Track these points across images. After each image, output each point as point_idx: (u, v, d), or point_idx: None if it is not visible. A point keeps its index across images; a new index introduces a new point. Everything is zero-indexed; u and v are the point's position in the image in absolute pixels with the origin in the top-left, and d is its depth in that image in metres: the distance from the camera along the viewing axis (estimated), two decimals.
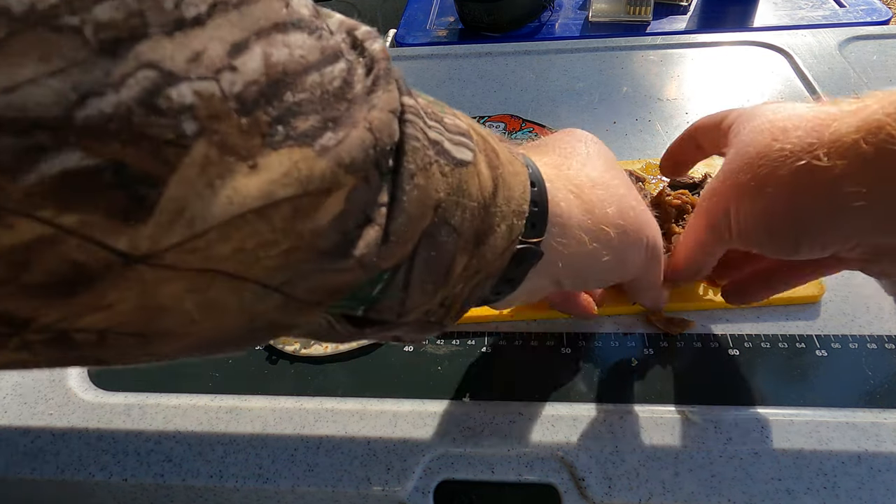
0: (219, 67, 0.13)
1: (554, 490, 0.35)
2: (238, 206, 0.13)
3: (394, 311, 0.21)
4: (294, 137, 0.14)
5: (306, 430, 0.38)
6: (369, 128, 0.16)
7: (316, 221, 0.15)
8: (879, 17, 1.05)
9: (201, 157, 0.13)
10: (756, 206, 0.28)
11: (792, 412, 0.36)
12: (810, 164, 0.25)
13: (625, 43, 0.74)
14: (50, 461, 0.38)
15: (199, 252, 0.13)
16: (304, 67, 0.15)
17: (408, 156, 0.18)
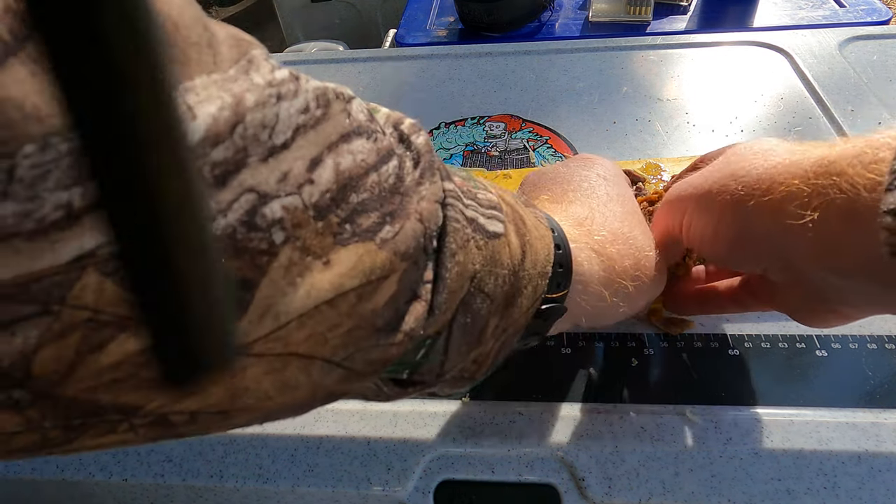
0: (301, 183, 0.15)
1: (554, 490, 0.35)
2: (314, 298, 0.15)
3: (434, 373, 0.23)
4: (359, 234, 0.16)
5: (306, 430, 0.38)
6: (420, 218, 0.19)
7: (374, 303, 0.17)
8: (879, 17, 1.05)
9: (286, 260, 0.15)
10: (710, 210, 0.28)
11: (792, 412, 0.36)
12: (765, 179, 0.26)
13: (625, 43, 0.74)
14: (50, 461, 0.38)
15: (281, 340, 0.15)
16: (364, 170, 0.17)
17: (449, 236, 0.20)
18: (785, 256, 0.25)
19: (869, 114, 0.58)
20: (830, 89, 0.62)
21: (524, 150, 0.59)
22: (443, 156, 0.60)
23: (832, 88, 0.62)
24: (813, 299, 0.27)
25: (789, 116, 0.59)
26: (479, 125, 0.64)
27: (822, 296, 0.26)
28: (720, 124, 0.60)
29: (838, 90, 0.62)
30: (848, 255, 0.22)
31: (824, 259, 0.23)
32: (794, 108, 0.60)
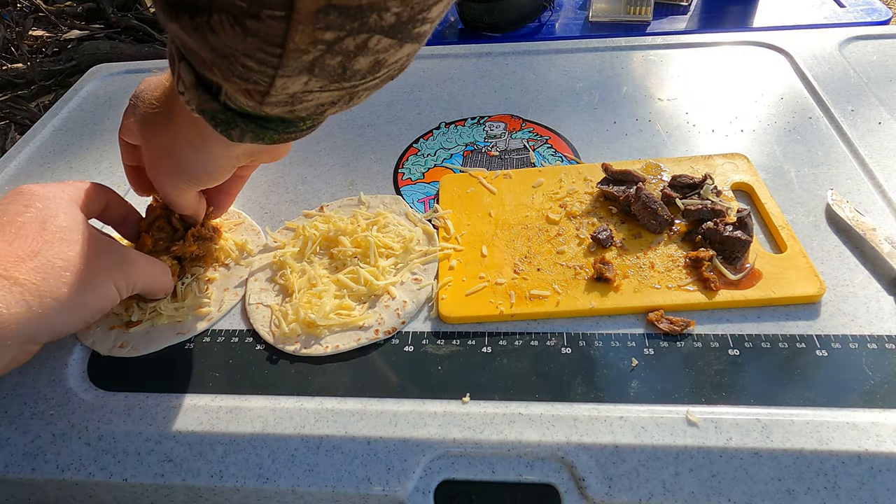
0: None
1: (554, 490, 0.35)
2: None
3: None
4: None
5: (306, 430, 0.38)
6: None
7: None
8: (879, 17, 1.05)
9: None
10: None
11: (792, 412, 0.36)
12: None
13: (625, 43, 0.74)
14: (50, 461, 0.38)
15: None
16: None
17: None
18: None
19: (869, 114, 0.58)
20: (830, 89, 0.62)
21: (524, 150, 0.59)
22: (443, 156, 0.60)
23: (832, 88, 0.62)
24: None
25: (789, 116, 0.59)
26: (479, 125, 0.64)
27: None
28: (720, 124, 0.60)
29: (838, 90, 0.62)
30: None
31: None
32: (794, 108, 0.60)
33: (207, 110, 0.30)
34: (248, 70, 0.25)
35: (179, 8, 0.24)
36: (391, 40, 0.24)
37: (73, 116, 0.74)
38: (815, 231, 0.47)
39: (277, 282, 0.48)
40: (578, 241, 0.48)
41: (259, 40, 0.23)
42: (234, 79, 0.26)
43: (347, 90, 0.27)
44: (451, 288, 0.45)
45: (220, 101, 0.30)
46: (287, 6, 0.21)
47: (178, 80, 0.30)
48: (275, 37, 0.23)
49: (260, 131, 0.32)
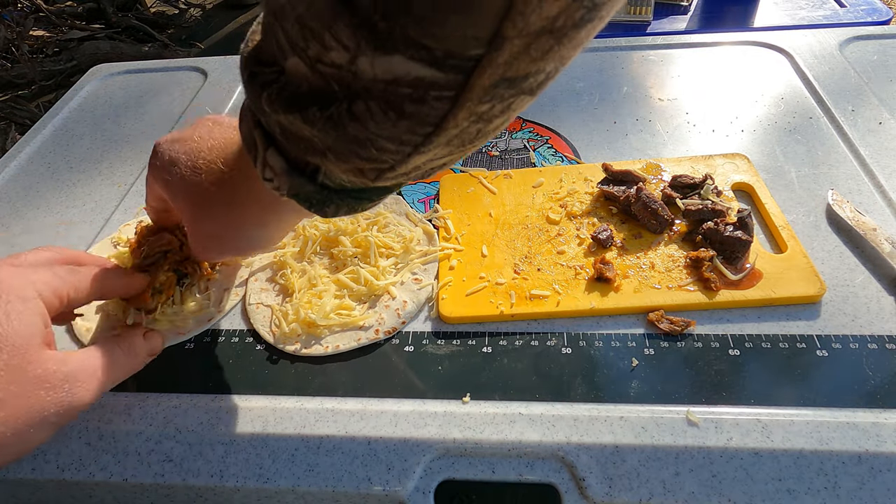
0: None
1: (554, 490, 0.35)
2: None
3: None
4: None
5: (307, 430, 0.38)
6: None
7: None
8: (880, 17, 1.05)
9: None
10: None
11: (792, 412, 0.36)
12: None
13: (625, 43, 0.74)
14: (50, 461, 0.38)
15: None
16: None
17: None
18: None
19: (869, 114, 0.58)
20: (831, 89, 0.62)
21: (524, 150, 0.59)
22: None
23: (832, 88, 0.62)
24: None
25: (789, 116, 0.59)
26: None
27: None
28: (720, 124, 0.60)
29: (838, 90, 0.62)
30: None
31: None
32: (795, 108, 0.60)
33: (302, 193, 0.28)
34: (380, 152, 0.23)
35: (305, 100, 0.23)
36: (530, 97, 0.23)
37: (73, 116, 0.74)
38: (816, 231, 0.47)
39: (278, 282, 0.48)
40: (579, 241, 0.48)
41: (413, 122, 0.22)
42: (355, 160, 0.24)
43: (465, 150, 0.25)
44: (452, 288, 0.45)
45: (316, 182, 0.28)
46: (459, 85, 0.20)
47: (262, 166, 0.28)
48: (434, 117, 0.21)
49: (355, 203, 0.30)
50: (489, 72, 0.20)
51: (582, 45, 0.21)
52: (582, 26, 0.20)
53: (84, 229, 0.56)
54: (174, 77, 0.79)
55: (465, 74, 0.20)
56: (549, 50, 0.20)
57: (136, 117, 0.72)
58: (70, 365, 0.33)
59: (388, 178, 0.26)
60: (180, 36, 2.60)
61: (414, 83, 0.20)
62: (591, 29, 0.20)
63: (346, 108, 0.22)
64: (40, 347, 0.32)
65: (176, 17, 2.75)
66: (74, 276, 0.37)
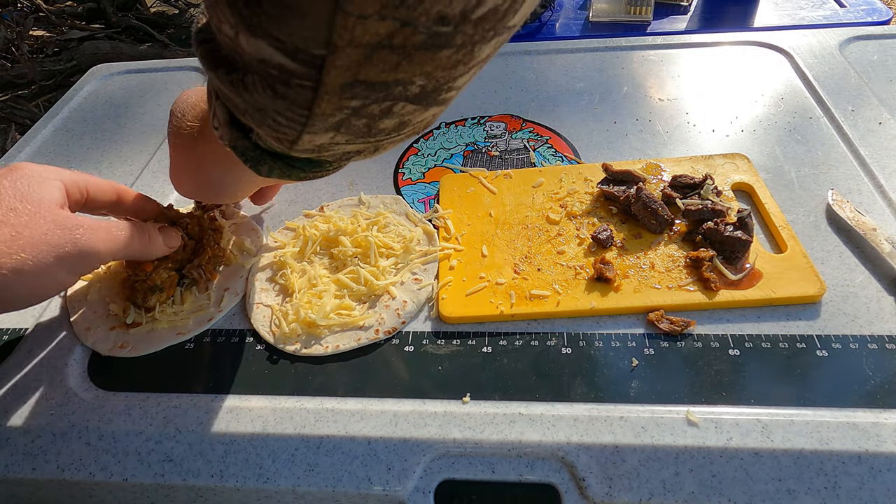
0: None
1: (554, 490, 0.35)
2: None
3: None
4: None
5: (307, 430, 0.38)
6: None
7: None
8: (880, 17, 1.05)
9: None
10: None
11: (792, 412, 0.36)
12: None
13: (625, 43, 0.74)
14: (50, 461, 0.38)
15: None
16: None
17: None
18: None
19: (869, 114, 0.58)
20: (831, 89, 0.62)
21: (524, 150, 0.59)
22: (443, 156, 0.60)
23: (832, 88, 0.62)
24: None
25: (789, 116, 0.59)
26: (479, 125, 0.64)
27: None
28: (720, 124, 0.60)
29: (838, 90, 0.62)
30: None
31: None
32: (795, 108, 0.60)
33: (239, 147, 0.32)
34: (277, 123, 0.26)
35: (217, 62, 0.26)
36: (416, 106, 0.25)
37: (73, 116, 0.74)
38: (816, 231, 0.47)
39: (278, 282, 0.48)
40: (579, 241, 0.48)
41: (288, 102, 0.24)
42: (265, 128, 0.27)
43: (373, 143, 0.28)
44: (452, 288, 0.45)
45: (251, 139, 0.32)
46: (314, 78, 0.22)
47: (213, 115, 0.32)
48: (303, 101, 0.24)
49: (287, 169, 0.33)
50: (335, 72, 0.22)
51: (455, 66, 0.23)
52: (433, 49, 0.21)
53: None
54: (174, 77, 0.79)
55: (317, 69, 0.22)
56: (397, 64, 0.22)
57: (136, 117, 0.72)
58: (85, 219, 0.38)
59: (301, 151, 0.29)
60: (180, 36, 2.60)
61: (278, 67, 0.23)
62: (452, 53, 0.22)
63: (241, 77, 0.25)
64: (58, 206, 0.37)
65: (176, 17, 2.75)
66: (95, 178, 0.43)
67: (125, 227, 0.41)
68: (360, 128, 0.26)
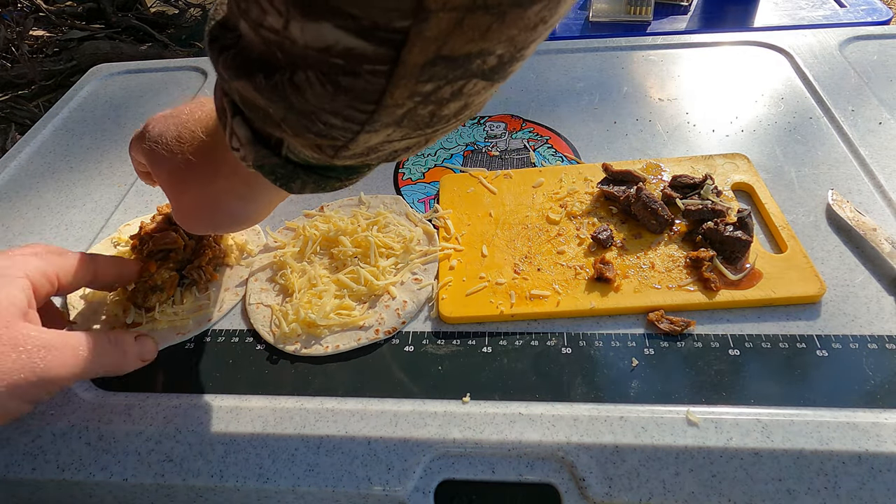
0: None
1: (554, 490, 0.35)
2: None
3: None
4: None
5: (307, 430, 0.38)
6: None
7: None
8: (880, 17, 1.05)
9: None
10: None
11: (792, 412, 0.36)
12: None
13: (625, 43, 0.74)
14: (50, 461, 0.38)
15: None
16: None
17: None
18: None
19: (869, 114, 0.58)
20: (831, 89, 0.62)
21: (524, 150, 0.59)
22: (443, 156, 0.60)
23: (832, 88, 0.62)
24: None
25: (789, 116, 0.59)
26: (479, 125, 0.64)
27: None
28: (720, 124, 0.60)
29: (838, 90, 0.62)
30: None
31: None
32: (795, 108, 0.60)
33: (267, 166, 0.28)
34: (329, 127, 0.23)
35: (253, 67, 0.23)
36: (486, 83, 0.22)
37: (73, 116, 0.74)
38: (816, 231, 0.47)
39: (278, 282, 0.48)
40: (579, 241, 0.48)
41: (351, 97, 0.21)
42: (308, 135, 0.24)
43: (427, 135, 0.25)
44: (452, 288, 0.45)
45: (280, 155, 0.27)
46: (391, 60, 0.19)
47: (230, 135, 0.28)
48: (371, 93, 0.21)
49: (322, 181, 0.29)
50: (419, 47, 0.19)
51: (535, 27, 0.20)
52: (527, 4, 0.19)
53: (84, 229, 0.56)
54: (174, 77, 0.79)
55: (395, 48, 0.19)
56: (488, 28, 0.19)
57: (136, 117, 0.72)
58: (48, 336, 0.33)
59: (347, 157, 0.25)
60: (180, 36, 2.60)
61: (345, 54, 0.19)
62: (541, 8, 0.19)
63: (289, 77, 0.21)
64: (19, 317, 0.33)
65: (176, 17, 2.75)
66: (62, 259, 0.38)
67: (95, 345, 0.35)
68: (424, 117, 0.23)
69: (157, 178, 0.38)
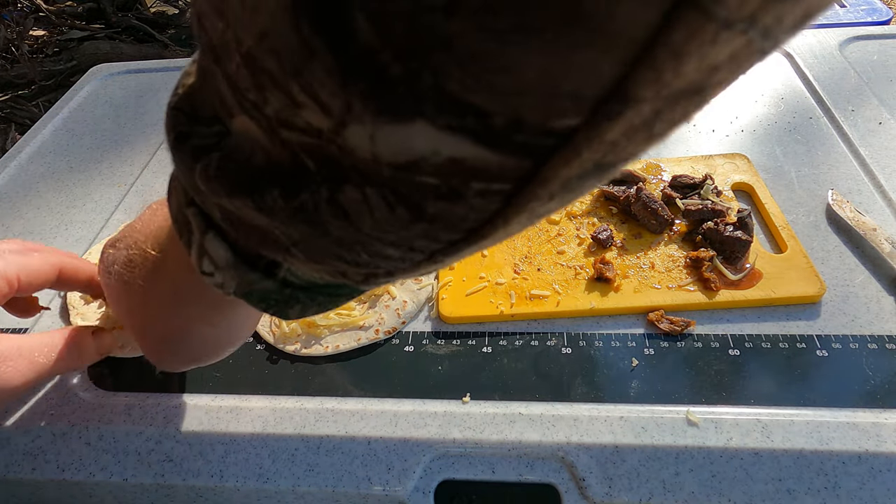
0: None
1: (554, 490, 0.35)
2: None
3: None
4: None
5: (307, 430, 0.38)
6: None
7: None
8: (880, 17, 1.05)
9: None
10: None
11: (792, 412, 0.36)
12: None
13: None
14: (50, 461, 0.38)
15: None
16: None
17: None
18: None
19: (869, 114, 0.58)
20: (831, 89, 0.62)
21: None
22: None
23: (832, 88, 0.62)
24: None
25: (789, 116, 0.59)
26: None
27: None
28: (720, 124, 0.60)
29: (838, 90, 0.62)
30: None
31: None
32: (795, 108, 0.60)
33: (256, 292, 0.21)
34: (377, 258, 0.16)
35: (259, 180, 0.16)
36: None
37: (73, 116, 0.74)
38: (816, 231, 0.47)
39: None
40: (579, 241, 0.48)
41: (437, 227, 0.14)
42: (337, 263, 0.17)
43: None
44: (452, 288, 0.45)
45: (275, 277, 0.20)
46: (524, 176, 0.12)
47: (200, 257, 0.21)
48: (470, 221, 0.14)
49: (329, 302, 0.22)
50: (583, 156, 0.12)
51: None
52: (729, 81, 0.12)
53: (84, 229, 0.56)
54: (174, 77, 0.79)
55: (537, 159, 0.12)
56: (672, 122, 0.12)
57: (136, 117, 0.72)
58: (2, 341, 0.32)
59: (381, 283, 0.18)
60: (180, 36, 2.60)
61: (446, 169, 0.12)
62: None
63: (328, 196, 0.14)
64: None
65: (176, 17, 2.75)
66: (25, 258, 0.36)
67: (52, 348, 0.34)
68: (503, 238, 0.16)
69: (118, 316, 0.32)
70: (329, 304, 0.22)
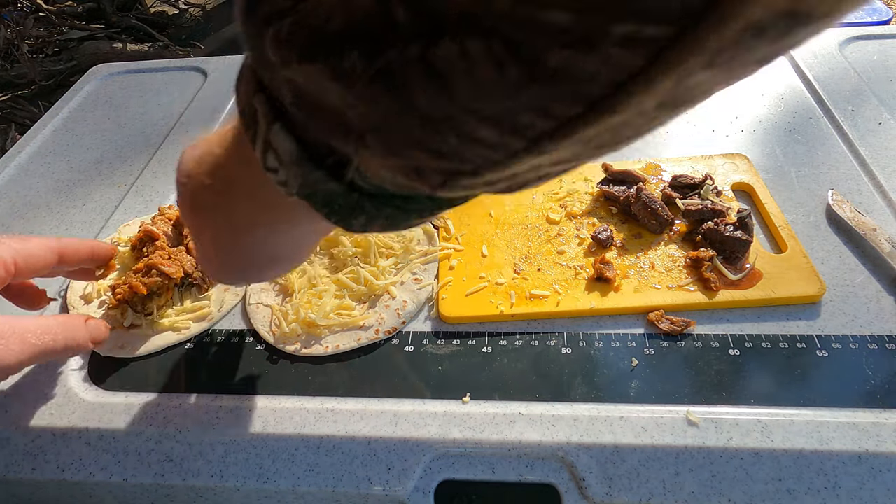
0: None
1: (554, 490, 0.35)
2: None
3: None
4: None
5: (307, 430, 0.38)
6: None
7: None
8: (880, 17, 1.05)
9: None
10: None
11: (792, 412, 0.36)
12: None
13: None
14: (50, 461, 0.38)
15: None
16: None
17: None
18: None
19: (869, 114, 0.58)
20: (831, 89, 0.62)
21: None
22: None
23: (832, 88, 0.62)
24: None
25: (789, 116, 0.59)
26: None
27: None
28: (720, 124, 0.60)
29: (838, 90, 0.62)
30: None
31: None
32: (795, 108, 0.60)
33: (320, 193, 0.19)
34: (466, 142, 0.14)
35: (339, 41, 0.14)
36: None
37: (73, 116, 0.74)
38: (816, 231, 0.47)
39: (278, 282, 0.48)
40: (579, 241, 0.48)
41: (556, 91, 0.12)
42: (417, 153, 0.15)
43: (591, 157, 0.16)
44: (452, 288, 0.45)
45: (343, 180, 0.19)
46: (690, 15, 0.10)
47: (265, 151, 0.19)
48: (600, 84, 0.11)
49: (399, 217, 0.20)
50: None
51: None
52: None
53: (84, 229, 0.56)
54: (174, 77, 0.79)
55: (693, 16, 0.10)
56: None
57: (136, 117, 0.72)
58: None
59: (461, 187, 0.16)
60: (180, 36, 2.60)
61: (580, 4, 0.10)
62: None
63: (418, 54, 0.12)
64: None
65: (176, 17, 2.75)
66: (23, 244, 0.37)
67: (45, 331, 0.34)
68: (624, 134, 0.14)
69: (182, 217, 0.32)
70: (397, 221, 0.20)
